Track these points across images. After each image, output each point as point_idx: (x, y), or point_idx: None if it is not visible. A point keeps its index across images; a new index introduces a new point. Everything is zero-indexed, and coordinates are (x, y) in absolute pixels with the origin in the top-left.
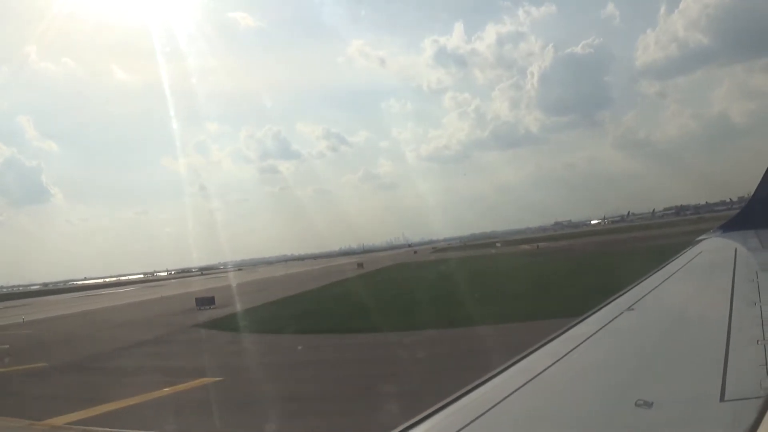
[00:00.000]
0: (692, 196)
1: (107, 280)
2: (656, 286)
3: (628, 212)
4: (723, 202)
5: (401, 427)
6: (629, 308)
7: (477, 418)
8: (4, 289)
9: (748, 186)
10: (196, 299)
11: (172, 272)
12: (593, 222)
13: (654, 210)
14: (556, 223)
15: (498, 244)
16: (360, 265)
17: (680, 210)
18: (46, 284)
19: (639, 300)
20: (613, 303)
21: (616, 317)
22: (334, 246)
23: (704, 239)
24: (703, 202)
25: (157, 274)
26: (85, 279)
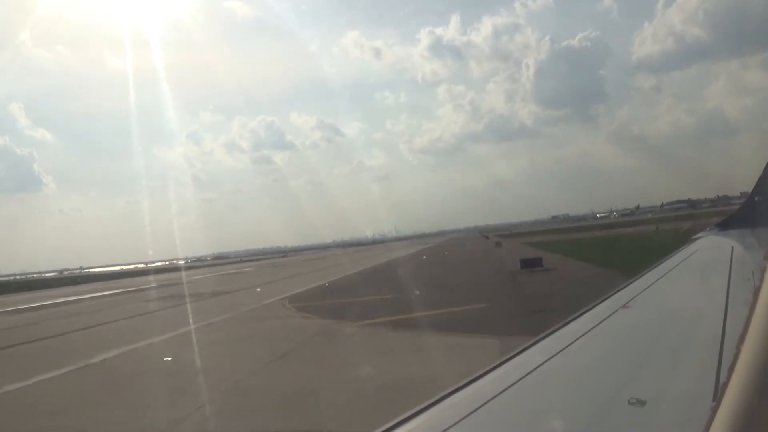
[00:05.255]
0: (691, 191)
1: (124, 268)
2: (651, 284)
3: (638, 205)
4: (726, 197)
5: (392, 422)
6: (624, 306)
7: (468, 414)
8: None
9: (748, 183)
10: (522, 261)
11: (189, 261)
12: (599, 215)
13: (663, 203)
14: (554, 217)
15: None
16: (498, 244)
17: (695, 203)
18: (60, 271)
19: (634, 298)
20: (608, 300)
21: (610, 315)
22: (327, 238)
23: (700, 237)
24: (714, 196)
25: (176, 262)
26: (81, 268)
